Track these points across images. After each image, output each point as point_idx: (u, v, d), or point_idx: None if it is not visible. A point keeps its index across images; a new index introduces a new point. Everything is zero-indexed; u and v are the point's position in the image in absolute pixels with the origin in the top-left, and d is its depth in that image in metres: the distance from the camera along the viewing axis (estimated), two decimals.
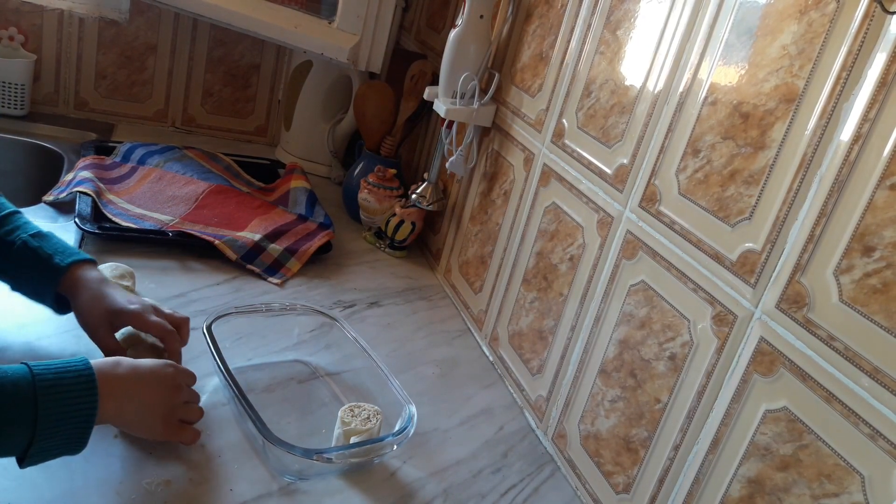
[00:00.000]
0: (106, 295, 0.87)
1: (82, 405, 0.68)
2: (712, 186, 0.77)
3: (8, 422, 0.64)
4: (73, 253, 0.90)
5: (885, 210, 0.59)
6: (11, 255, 0.87)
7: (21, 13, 1.56)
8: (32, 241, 0.88)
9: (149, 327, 0.87)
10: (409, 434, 0.85)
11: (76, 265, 0.89)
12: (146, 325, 0.87)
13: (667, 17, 0.87)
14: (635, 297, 0.87)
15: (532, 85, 1.14)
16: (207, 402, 0.90)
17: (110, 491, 0.74)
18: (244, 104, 1.82)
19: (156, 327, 0.87)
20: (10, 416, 0.64)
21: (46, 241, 0.90)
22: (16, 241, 0.88)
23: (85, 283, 0.88)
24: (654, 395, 0.82)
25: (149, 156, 1.45)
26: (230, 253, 1.22)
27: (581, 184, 0.99)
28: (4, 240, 0.88)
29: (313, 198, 1.47)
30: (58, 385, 0.67)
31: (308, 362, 1.03)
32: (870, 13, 0.62)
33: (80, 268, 0.89)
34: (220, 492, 0.78)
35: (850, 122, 0.63)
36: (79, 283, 0.88)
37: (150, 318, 0.87)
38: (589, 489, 0.91)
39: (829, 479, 0.61)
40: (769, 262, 0.70)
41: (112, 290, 0.89)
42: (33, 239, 0.89)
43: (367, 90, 1.53)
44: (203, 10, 1.51)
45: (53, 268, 0.87)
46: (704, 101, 0.79)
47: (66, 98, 1.66)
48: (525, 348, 1.09)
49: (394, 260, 1.43)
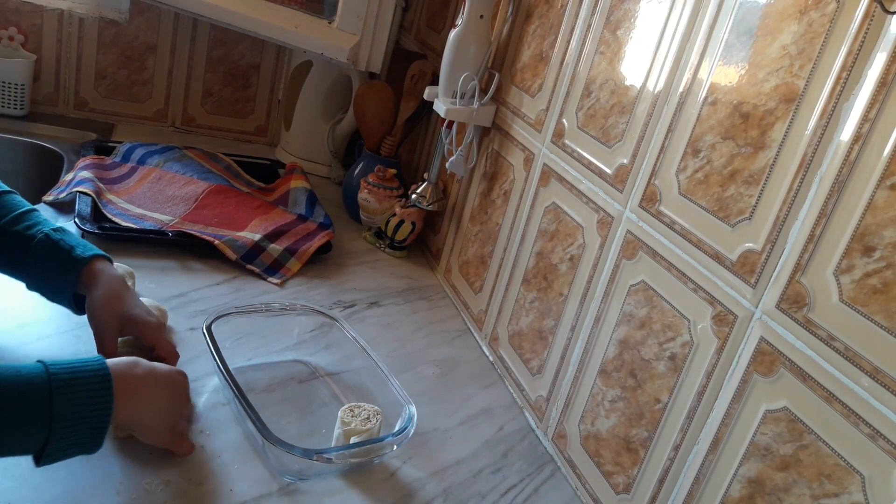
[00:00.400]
0: (124, 298, 0.87)
1: (97, 405, 0.68)
2: (712, 186, 0.77)
3: (24, 421, 0.64)
4: (93, 248, 0.90)
5: (886, 210, 0.59)
6: (32, 248, 0.87)
7: (21, 13, 1.56)
8: (54, 234, 0.88)
9: (161, 344, 0.88)
10: (409, 434, 0.85)
11: (97, 258, 0.89)
12: (159, 342, 0.88)
13: (667, 17, 0.87)
14: (635, 297, 0.87)
15: (532, 85, 1.14)
16: (207, 402, 0.90)
17: (110, 491, 0.74)
18: (244, 104, 1.82)
19: (167, 346, 0.88)
20: (25, 416, 0.64)
21: (68, 234, 0.90)
22: (37, 234, 0.88)
23: (104, 279, 0.87)
24: (655, 395, 0.82)
25: (149, 156, 1.45)
26: (230, 253, 1.22)
27: (581, 184, 0.99)
28: (24, 234, 0.88)
29: (313, 198, 1.47)
30: (73, 384, 0.66)
31: (308, 362, 1.03)
32: (870, 13, 0.62)
33: (100, 261, 0.89)
34: (220, 492, 0.78)
35: (850, 122, 0.63)
36: (98, 276, 0.87)
37: (165, 335, 0.89)
38: (589, 489, 0.91)
39: (830, 479, 0.61)
40: (769, 262, 0.69)
41: (131, 294, 0.89)
42: (55, 233, 0.88)
43: (367, 90, 1.53)
44: (203, 10, 1.51)
45: (75, 259, 0.87)
46: (704, 101, 0.79)
47: (65, 98, 1.66)
48: (525, 348, 1.09)
49: (394, 260, 1.43)
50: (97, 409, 0.68)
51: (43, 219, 0.91)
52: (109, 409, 0.69)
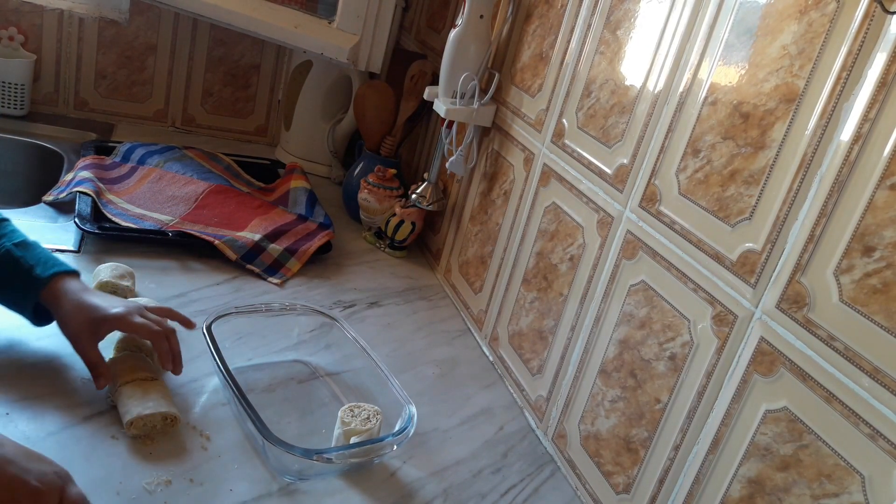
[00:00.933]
0: (87, 303, 0.85)
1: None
2: (712, 186, 0.77)
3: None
4: (55, 264, 0.88)
5: (886, 210, 0.59)
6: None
7: (21, 13, 1.56)
8: (16, 250, 0.86)
9: (134, 329, 0.86)
10: (409, 434, 0.85)
11: (58, 277, 0.86)
12: (131, 328, 0.85)
13: (667, 17, 0.87)
14: (635, 297, 0.87)
15: (532, 85, 1.14)
16: (207, 402, 0.90)
17: (110, 491, 0.74)
18: (244, 104, 1.82)
19: (141, 329, 0.86)
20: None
21: (30, 251, 0.88)
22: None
23: (66, 295, 0.85)
24: (655, 395, 0.82)
25: (149, 156, 1.45)
26: (230, 253, 1.22)
27: (581, 184, 0.99)
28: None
29: (313, 198, 1.47)
30: None
31: (308, 362, 1.03)
32: (870, 13, 0.62)
33: (62, 279, 0.86)
34: (220, 492, 0.78)
35: (850, 122, 0.63)
36: (60, 295, 0.85)
37: (135, 319, 0.85)
38: (589, 489, 0.91)
39: (830, 479, 0.61)
40: (769, 262, 0.69)
41: (94, 297, 0.87)
42: (17, 248, 0.87)
43: (367, 90, 1.53)
44: (203, 10, 1.51)
45: (34, 279, 0.85)
46: (704, 101, 0.79)
47: (65, 98, 1.66)
48: (525, 348, 1.09)
49: (394, 260, 1.43)
50: None
51: (11, 230, 0.89)
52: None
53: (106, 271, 1.04)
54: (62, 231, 1.19)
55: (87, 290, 0.88)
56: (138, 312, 0.87)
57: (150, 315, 0.88)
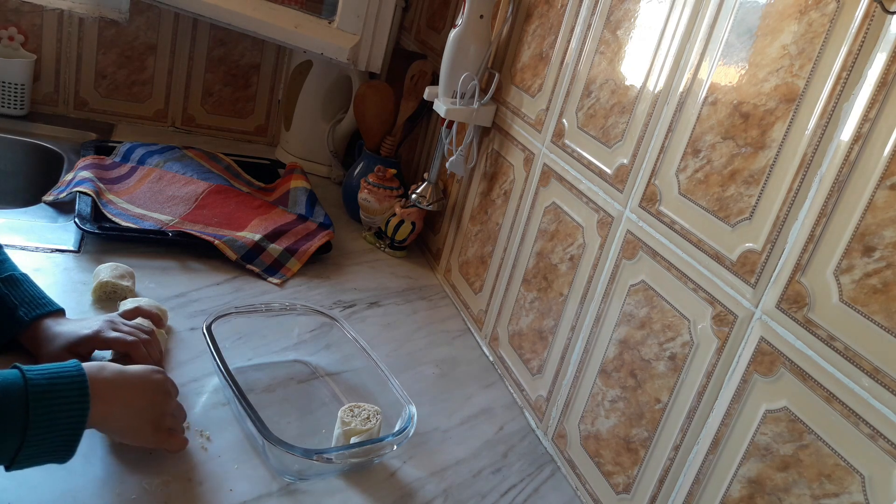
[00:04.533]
0: (60, 335, 0.85)
1: (74, 412, 0.67)
2: (712, 186, 0.77)
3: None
4: (40, 305, 0.87)
5: (886, 210, 0.59)
6: None
7: (21, 13, 1.56)
8: (1, 287, 0.86)
9: (108, 345, 0.86)
10: (409, 434, 0.85)
11: (40, 319, 0.86)
12: (105, 344, 0.85)
13: (667, 17, 0.87)
14: (635, 297, 0.87)
15: (532, 85, 1.14)
16: (207, 402, 0.90)
17: (110, 491, 0.74)
18: (244, 104, 1.82)
19: (115, 343, 0.86)
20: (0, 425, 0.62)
21: (16, 288, 0.87)
22: None
23: (45, 338, 0.85)
24: (655, 395, 0.82)
25: (149, 156, 1.45)
26: (230, 253, 1.22)
27: (581, 184, 0.99)
28: None
29: (313, 198, 1.47)
30: (51, 393, 0.65)
31: (308, 362, 1.03)
32: (870, 13, 0.62)
33: (43, 322, 0.86)
34: (220, 492, 0.78)
35: (850, 122, 0.63)
36: (40, 338, 0.85)
37: (108, 335, 0.86)
38: (589, 489, 0.91)
39: (830, 479, 0.61)
40: (769, 262, 0.69)
41: (66, 326, 0.86)
42: (3, 285, 0.86)
43: (367, 90, 1.53)
44: (203, 10, 1.51)
45: (16, 320, 0.85)
46: (704, 100, 0.79)
47: (65, 98, 1.66)
48: (525, 348, 1.09)
49: (394, 260, 1.43)
50: (73, 417, 0.67)
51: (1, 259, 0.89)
52: (85, 418, 0.67)
53: (106, 271, 1.04)
54: (62, 231, 1.19)
55: (61, 323, 0.87)
56: (111, 327, 0.87)
57: (122, 326, 0.88)
